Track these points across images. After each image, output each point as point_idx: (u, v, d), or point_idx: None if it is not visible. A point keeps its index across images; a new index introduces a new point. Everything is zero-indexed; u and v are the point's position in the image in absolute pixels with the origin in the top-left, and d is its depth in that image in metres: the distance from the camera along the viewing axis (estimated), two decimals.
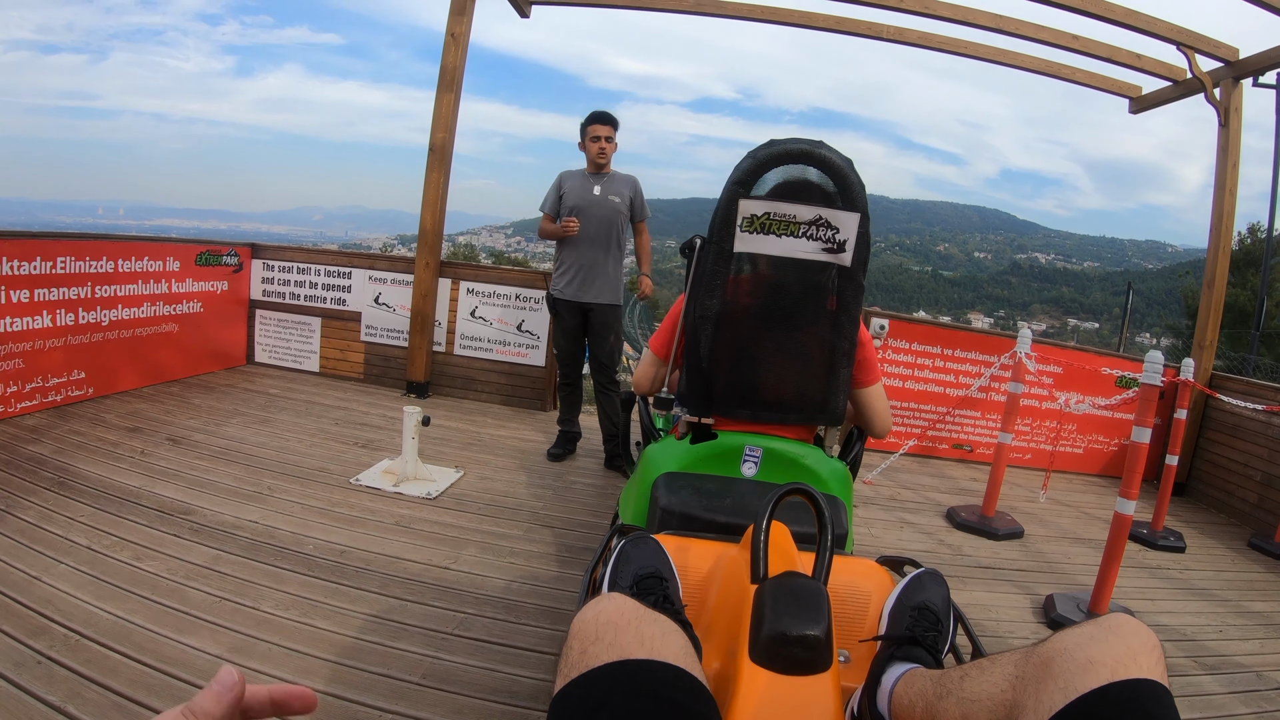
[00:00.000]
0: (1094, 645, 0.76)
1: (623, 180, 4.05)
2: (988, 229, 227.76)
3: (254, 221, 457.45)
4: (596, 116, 3.93)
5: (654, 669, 0.76)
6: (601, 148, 3.93)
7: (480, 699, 1.99)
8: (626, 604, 0.83)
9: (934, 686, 0.95)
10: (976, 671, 0.88)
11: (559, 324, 4.18)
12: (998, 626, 2.88)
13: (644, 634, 0.79)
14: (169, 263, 4.83)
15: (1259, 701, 2.51)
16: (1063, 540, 4.04)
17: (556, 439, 4.39)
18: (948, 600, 1.25)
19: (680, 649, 0.80)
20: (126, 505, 2.95)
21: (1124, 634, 0.77)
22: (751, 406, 1.96)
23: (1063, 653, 0.77)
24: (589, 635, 0.79)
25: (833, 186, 1.79)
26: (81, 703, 1.77)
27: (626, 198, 4.03)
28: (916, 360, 5.32)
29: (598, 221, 3.95)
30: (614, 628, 0.79)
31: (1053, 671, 0.76)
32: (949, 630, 1.22)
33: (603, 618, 0.81)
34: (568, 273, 4.04)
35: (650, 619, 0.82)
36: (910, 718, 0.97)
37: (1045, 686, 0.75)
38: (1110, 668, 0.73)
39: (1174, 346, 18.99)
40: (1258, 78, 4.89)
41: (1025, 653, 0.83)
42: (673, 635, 0.82)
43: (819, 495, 1.23)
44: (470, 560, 2.85)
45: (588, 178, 4.02)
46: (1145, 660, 0.75)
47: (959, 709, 0.87)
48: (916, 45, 5.34)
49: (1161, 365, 2.93)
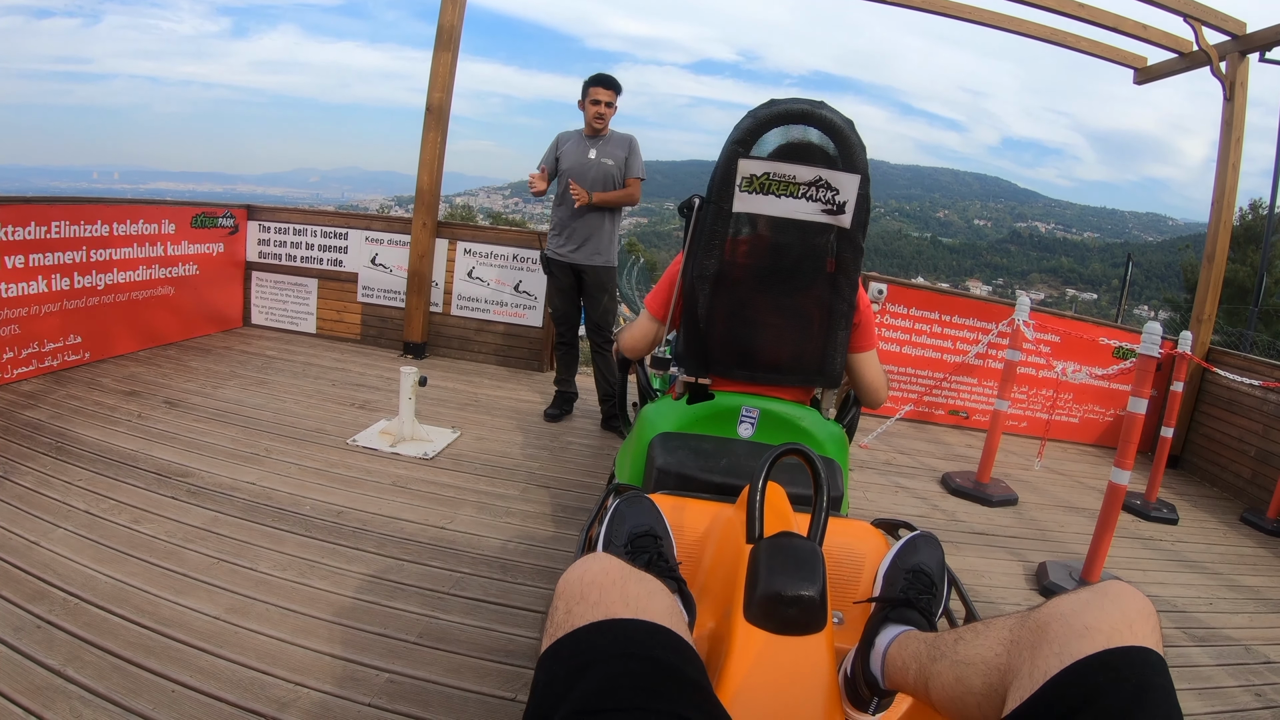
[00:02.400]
0: (1090, 611, 0.75)
1: (619, 141, 3.98)
2: (988, 196, 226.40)
3: (250, 184, 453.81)
4: (598, 79, 3.86)
5: (639, 628, 0.75)
6: (600, 112, 3.86)
7: (477, 658, 2.01)
8: (612, 563, 0.83)
9: (928, 649, 0.95)
10: (971, 635, 0.88)
11: (554, 284, 4.17)
12: (990, 592, 2.90)
13: (629, 593, 0.78)
14: (164, 225, 4.78)
15: (1246, 675, 2.54)
16: (1056, 508, 4.07)
17: (553, 399, 4.41)
18: (942, 564, 1.25)
19: (666, 608, 0.80)
20: (124, 469, 2.95)
21: (1121, 601, 0.77)
22: (749, 367, 1.96)
23: (1058, 618, 0.77)
24: (574, 595, 0.79)
25: (833, 147, 1.77)
26: (81, 665, 1.78)
27: (621, 159, 3.97)
28: (914, 326, 5.30)
29: (591, 183, 3.90)
30: (599, 587, 0.79)
31: (1048, 636, 0.76)
32: (943, 594, 1.23)
33: (588, 577, 0.80)
34: (562, 233, 4.01)
35: (636, 578, 0.82)
36: (903, 679, 0.98)
37: (1040, 651, 0.75)
38: (1106, 634, 0.73)
39: (1172, 320, 19.00)
40: (1265, 53, 4.81)
41: (1020, 617, 0.83)
42: (659, 595, 0.81)
43: (815, 456, 1.23)
44: (467, 520, 2.87)
45: (584, 140, 3.96)
46: (1141, 628, 0.74)
47: (952, 671, 0.87)
48: (921, 9, 5.24)
49: (1159, 337, 2.92)
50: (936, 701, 0.90)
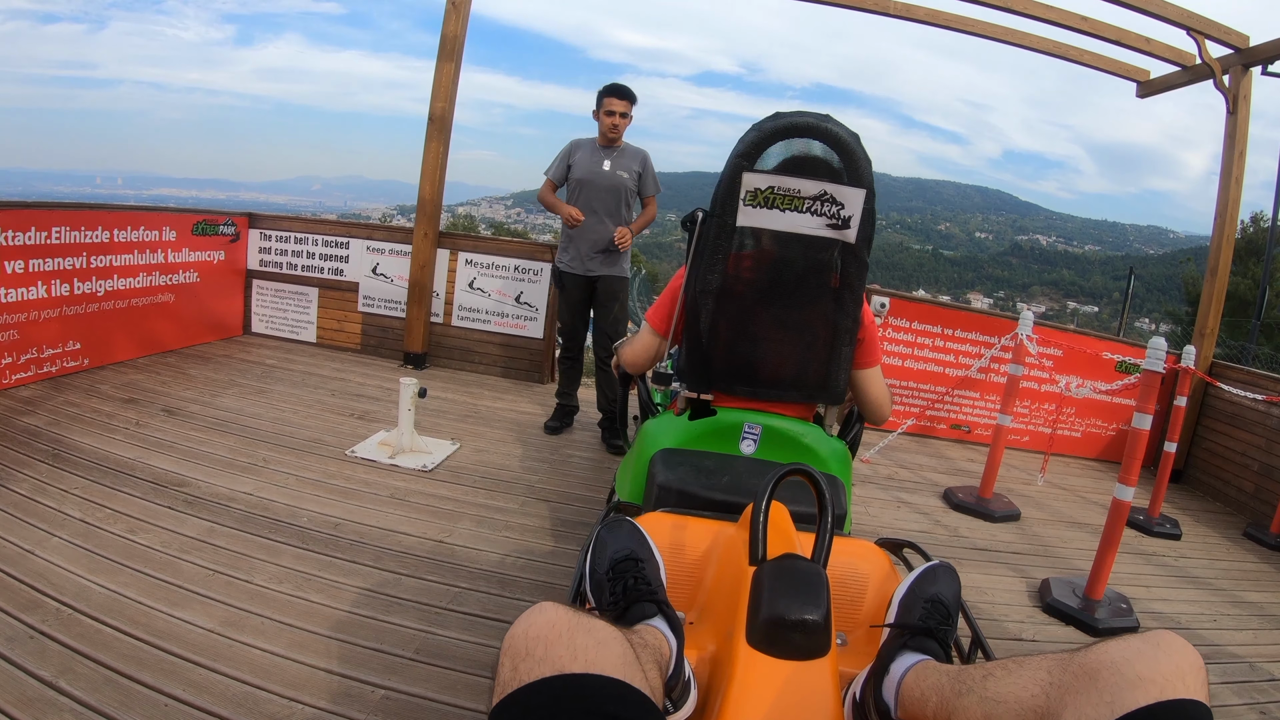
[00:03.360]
0: (1143, 661, 0.75)
1: (633, 154, 3.97)
2: (989, 209, 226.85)
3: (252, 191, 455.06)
4: (613, 89, 3.84)
5: (589, 683, 0.73)
6: (615, 123, 3.83)
7: (473, 674, 1.99)
8: (559, 614, 0.80)
9: (951, 682, 0.92)
10: (1002, 672, 0.86)
11: (564, 297, 4.13)
12: (993, 609, 2.88)
13: (576, 645, 0.76)
14: (165, 232, 4.78)
15: (1251, 692, 2.52)
16: (1059, 524, 4.04)
17: (554, 412, 4.37)
18: (959, 597, 1.23)
19: (618, 657, 0.77)
20: (121, 477, 2.94)
21: (1173, 652, 0.76)
22: (751, 383, 1.94)
23: (1109, 665, 0.76)
24: (519, 651, 0.76)
25: (838, 161, 1.76)
26: (74, 677, 1.76)
27: (635, 172, 3.95)
28: (916, 339, 5.29)
29: (604, 194, 3.89)
30: (544, 642, 0.76)
31: (1098, 683, 0.75)
32: (956, 626, 1.21)
33: (532, 632, 0.78)
34: (573, 245, 3.99)
35: (584, 629, 0.79)
36: (920, 710, 0.95)
37: (1088, 697, 0.74)
38: (1160, 686, 0.72)
39: (1174, 333, 19.00)
40: (1267, 66, 4.83)
41: (1061, 659, 0.81)
42: (609, 644, 0.79)
43: (820, 477, 1.21)
44: (465, 534, 2.84)
45: (598, 150, 3.93)
46: (1193, 680, 0.74)
47: (981, 708, 0.85)
48: (923, 22, 5.25)
49: (1164, 352, 2.90)
50: None
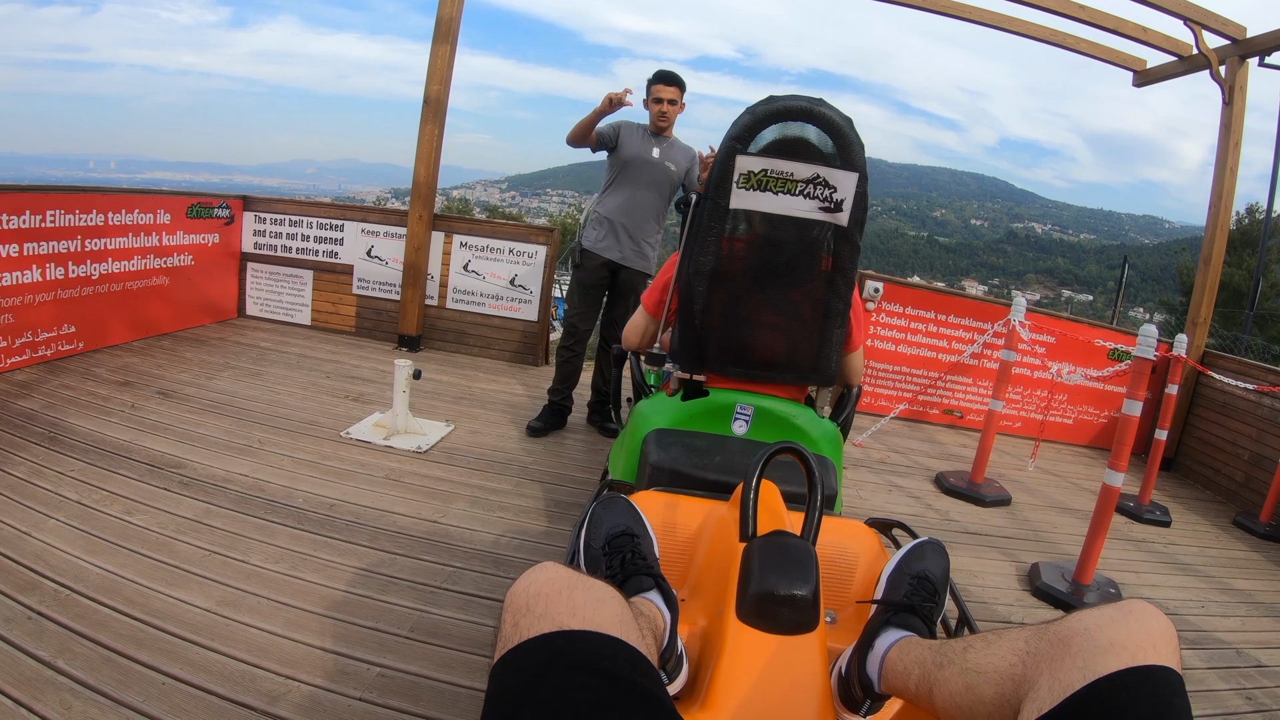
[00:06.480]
0: (1115, 628, 0.76)
1: (683, 150, 3.82)
2: (985, 196, 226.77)
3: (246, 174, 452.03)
4: (661, 76, 3.71)
5: (588, 639, 0.75)
6: (663, 110, 3.68)
7: (468, 653, 2.01)
8: (558, 573, 0.82)
9: (933, 655, 0.94)
10: (981, 644, 0.88)
11: (579, 279, 3.87)
12: (983, 592, 2.91)
13: (576, 603, 0.78)
14: (160, 215, 4.76)
15: (1237, 678, 2.55)
16: (1050, 509, 4.08)
17: (541, 412, 4.03)
18: (946, 573, 1.24)
19: (615, 616, 0.79)
20: (117, 459, 2.94)
21: (1145, 620, 0.78)
22: (744, 364, 1.96)
23: (1082, 633, 0.77)
24: (520, 608, 0.78)
25: (831, 145, 1.77)
26: (71, 657, 1.77)
27: (683, 168, 3.81)
28: (910, 325, 5.31)
29: (648, 183, 3.75)
30: (544, 598, 0.78)
31: (1071, 650, 0.76)
32: (944, 603, 1.22)
33: (533, 589, 0.79)
34: (603, 224, 3.79)
35: (583, 587, 0.81)
36: (903, 684, 0.97)
37: (1062, 664, 0.75)
38: (1131, 652, 0.73)
39: (1167, 322, 19.07)
40: (1264, 57, 4.83)
41: (1038, 629, 0.83)
42: (608, 603, 0.80)
43: (809, 455, 1.22)
44: (460, 514, 2.86)
45: (648, 136, 3.78)
46: (1164, 647, 0.75)
47: (962, 679, 0.86)
48: (921, 9, 5.22)
49: (1155, 339, 2.91)
50: (942, 709, 0.89)
